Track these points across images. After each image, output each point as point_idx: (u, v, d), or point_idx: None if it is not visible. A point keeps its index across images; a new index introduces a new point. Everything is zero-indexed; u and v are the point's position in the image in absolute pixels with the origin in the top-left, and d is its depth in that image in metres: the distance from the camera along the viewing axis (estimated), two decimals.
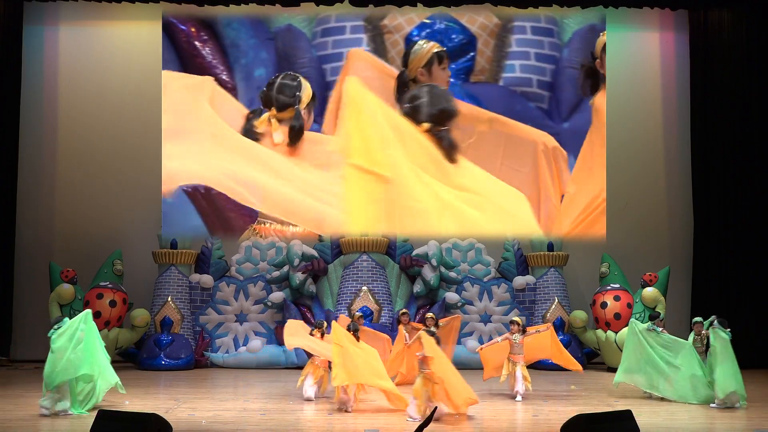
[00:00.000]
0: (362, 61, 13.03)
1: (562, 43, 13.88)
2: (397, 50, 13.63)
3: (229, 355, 13.41)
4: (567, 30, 13.90)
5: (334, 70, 13.70)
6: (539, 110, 13.63)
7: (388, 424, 8.13)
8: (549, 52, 13.78)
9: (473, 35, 13.77)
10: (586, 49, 13.59)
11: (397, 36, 13.70)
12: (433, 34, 13.72)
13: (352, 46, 13.66)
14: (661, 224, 14.84)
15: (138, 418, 6.67)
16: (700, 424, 8.23)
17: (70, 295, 12.82)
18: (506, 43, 13.78)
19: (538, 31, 13.82)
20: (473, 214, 11.67)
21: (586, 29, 13.80)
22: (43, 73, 14.60)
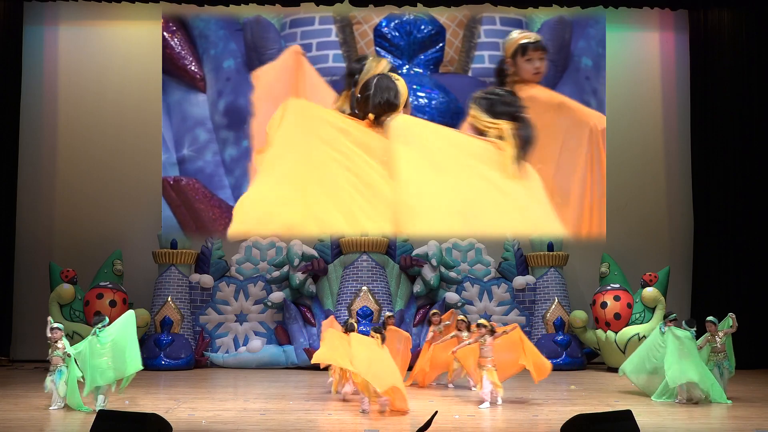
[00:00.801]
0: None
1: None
2: (366, 41, 13.62)
3: (229, 355, 13.41)
4: (536, 21, 13.89)
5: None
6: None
7: (388, 424, 8.13)
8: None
9: (442, 26, 13.76)
10: (556, 40, 13.59)
11: (366, 27, 13.70)
12: (402, 25, 13.73)
13: (321, 37, 13.66)
14: (661, 224, 14.84)
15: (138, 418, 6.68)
16: (700, 424, 8.23)
17: (70, 295, 12.82)
18: (475, 33, 13.77)
19: (507, 22, 13.81)
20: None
21: (555, 20, 13.80)
22: (43, 73, 14.60)
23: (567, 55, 13.71)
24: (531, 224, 10.99)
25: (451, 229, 11.83)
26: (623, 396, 10.13)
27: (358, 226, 11.06)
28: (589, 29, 13.88)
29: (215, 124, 13.68)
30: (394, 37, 13.66)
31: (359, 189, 10.50)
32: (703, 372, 9.49)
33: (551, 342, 13.29)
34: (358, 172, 10.52)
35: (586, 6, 13.89)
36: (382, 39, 13.68)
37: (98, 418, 6.72)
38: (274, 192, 10.47)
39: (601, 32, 13.88)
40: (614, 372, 12.74)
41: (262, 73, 12.75)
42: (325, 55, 13.68)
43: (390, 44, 13.67)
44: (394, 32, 13.68)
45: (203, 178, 13.55)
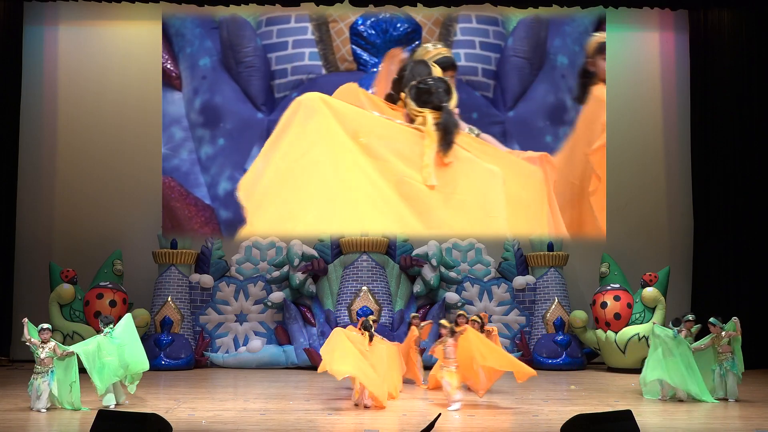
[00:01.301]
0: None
1: (507, 32, 13.91)
2: (342, 39, 13.62)
3: (229, 355, 13.41)
4: (512, 19, 13.91)
5: (279, 59, 13.71)
6: (484, 99, 13.68)
7: (388, 424, 8.14)
8: (494, 41, 13.80)
9: (418, 24, 13.79)
10: (531, 39, 13.61)
11: (342, 25, 13.72)
12: (378, 23, 13.76)
13: (297, 35, 13.67)
14: (661, 224, 14.84)
15: (138, 418, 6.68)
16: (700, 424, 8.23)
17: (70, 295, 12.81)
18: (451, 31, 13.79)
19: (482, 20, 13.84)
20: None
21: (531, 18, 13.83)
22: (43, 73, 14.59)
23: (543, 53, 13.76)
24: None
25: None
26: (623, 396, 10.13)
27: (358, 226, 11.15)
28: (565, 27, 13.91)
29: (191, 123, 13.78)
30: (370, 35, 13.68)
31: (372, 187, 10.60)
32: (678, 371, 9.64)
33: (551, 342, 13.29)
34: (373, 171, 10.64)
35: (586, 6, 13.88)
36: (358, 37, 13.71)
37: (98, 418, 6.72)
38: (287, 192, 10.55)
39: (576, 30, 13.90)
40: (614, 372, 12.77)
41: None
42: (301, 53, 13.71)
43: (366, 42, 13.69)
44: (370, 30, 13.70)
45: (179, 177, 13.67)
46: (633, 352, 12.69)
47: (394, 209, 11.11)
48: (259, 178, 11.89)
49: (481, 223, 11.50)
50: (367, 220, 11.69)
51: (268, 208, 11.48)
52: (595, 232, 13.06)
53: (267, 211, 11.66)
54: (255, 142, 13.44)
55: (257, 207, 11.83)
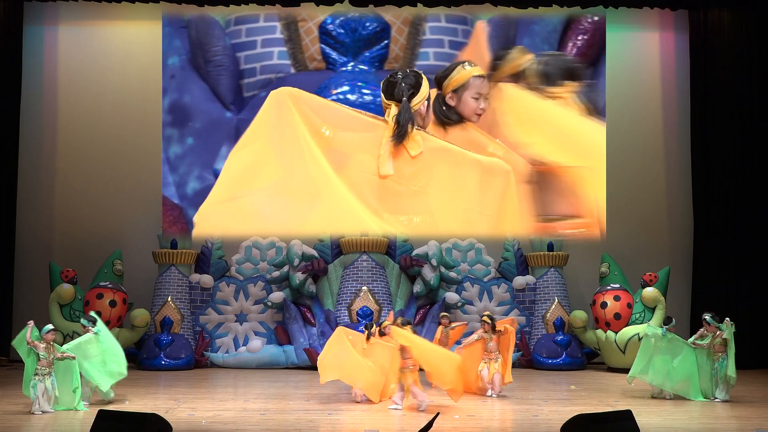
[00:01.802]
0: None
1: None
2: (311, 38, 13.62)
3: (229, 355, 13.41)
4: (481, 18, 13.83)
5: (248, 58, 13.72)
6: None
7: (388, 424, 8.14)
8: (463, 40, 13.71)
9: (387, 23, 13.76)
10: (500, 38, 13.57)
11: (311, 24, 13.69)
12: (347, 22, 13.72)
13: (266, 34, 13.67)
14: (661, 224, 14.84)
15: (138, 418, 6.68)
16: (700, 424, 8.23)
17: (70, 295, 12.81)
18: (420, 30, 13.76)
19: (451, 19, 13.79)
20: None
21: (500, 18, 13.80)
22: (43, 73, 14.59)
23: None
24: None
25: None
26: (623, 396, 10.13)
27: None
28: (533, 26, 13.86)
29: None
30: (339, 35, 13.67)
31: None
32: (662, 370, 9.88)
33: (551, 342, 13.29)
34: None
35: (586, 6, 13.88)
36: (327, 36, 13.69)
37: (98, 418, 6.72)
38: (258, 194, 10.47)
39: (545, 29, 13.87)
40: (614, 372, 12.76)
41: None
42: (270, 52, 13.70)
43: (335, 41, 13.68)
44: (339, 29, 13.69)
45: None
46: (633, 352, 12.59)
47: (349, 204, 11.06)
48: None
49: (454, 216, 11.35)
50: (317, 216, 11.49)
51: (217, 208, 11.37)
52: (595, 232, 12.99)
53: (216, 211, 11.52)
54: (224, 141, 13.44)
55: (208, 207, 11.69)
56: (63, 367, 8.90)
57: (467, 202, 10.60)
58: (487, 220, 10.72)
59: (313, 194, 10.62)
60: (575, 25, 13.92)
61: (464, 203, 10.63)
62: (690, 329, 13.36)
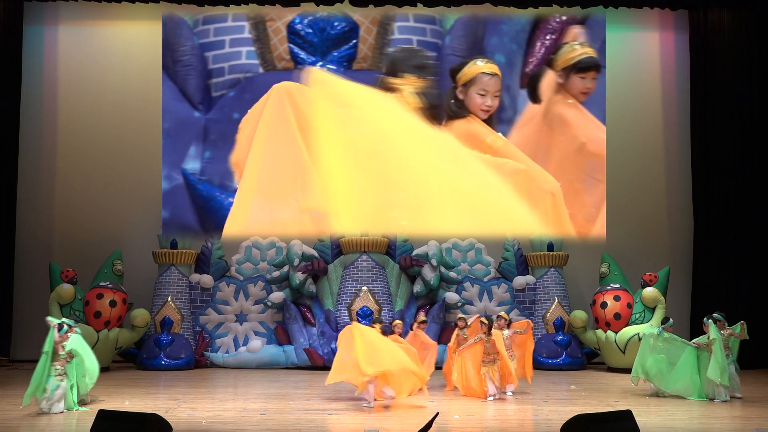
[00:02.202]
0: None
1: (444, 31, 13.83)
2: (280, 38, 13.60)
3: (229, 355, 13.41)
4: (449, 17, 13.87)
5: (216, 57, 13.71)
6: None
7: (388, 424, 8.14)
8: (431, 40, 13.75)
9: (355, 23, 13.75)
10: (468, 38, 13.58)
11: (279, 24, 13.67)
12: (316, 21, 13.72)
13: (234, 34, 13.65)
14: (661, 224, 14.84)
15: (138, 418, 6.68)
16: (700, 424, 8.23)
17: (70, 295, 12.81)
18: (389, 30, 13.74)
19: (420, 18, 13.79)
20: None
21: (468, 17, 13.79)
22: (43, 73, 14.60)
23: (480, 51, 13.66)
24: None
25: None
26: (623, 396, 10.13)
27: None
28: (501, 26, 13.84)
29: None
30: (308, 34, 13.66)
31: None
32: (657, 369, 10.02)
33: (551, 342, 13.29)
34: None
35: (586, 6, 13.89)
36: (296, 36, 13.68)
37: (98, 418, 6.72)
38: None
39: (513, 29, 13.84)
40: (614, 372, 12.76)
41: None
42: (239, 52, 13.69)
43: (303, 41, 13.66)
44: (307, 29, 13.68)
45: None
46: (633, 352, 12.61)
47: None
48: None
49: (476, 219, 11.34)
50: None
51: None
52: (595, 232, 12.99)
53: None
54: (192, 141, 13.47)
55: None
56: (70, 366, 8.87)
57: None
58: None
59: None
60: (543, 24, 13.88)
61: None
62: (690, 329, 13.39)
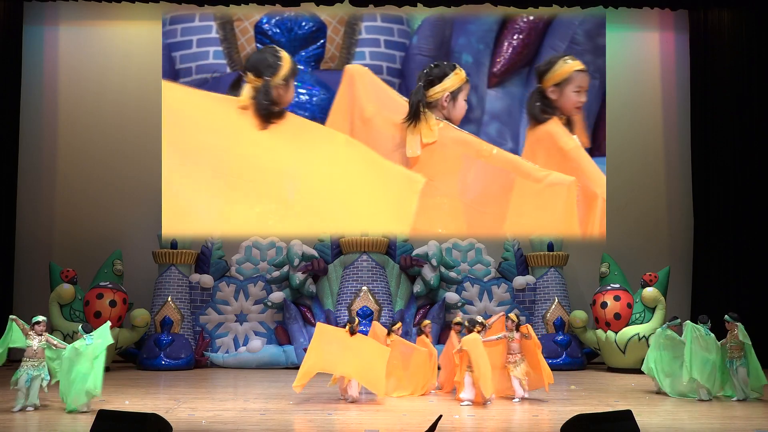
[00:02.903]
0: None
1: (412, 31, 13.87)
2: (247, 38, 13.62)
3: (229, 355, 13.41)
4: (417, 17, 13.87)
5: (184, 57, 13.74)
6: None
7: (388, 424, 8.14)
8: (399, 40, 13.79)
9: (323, 23, 13.77)
10: (436, 37, 13.59)
11: (247, 24, 13.72)
12: (284, 21, 13.73)
13: (201, 34, 13.68)
14: (661, 224, 14.85)
15: (138, 418, 6.68)
16: (700, 424, 8.23)
17: (70, 295, 12.81)
18: (356, 30, 13.78)
19: (387, 18, 13.82)
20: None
21: (436, 17, 13.80)
22: (43, 73, 14.61)
23: (447, 51, 13.74)
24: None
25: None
26: (623, 396, 10.13)
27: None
28: (469, 26, 13.86)
29: None
30: (275, 34, 13.66)
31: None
32: (660, 366, 10.10)
33: (551, 342, 13.29)
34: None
35: (586, 6, 13.89)
36: (263, 36, 13.70)
37: (98, 418, 6.72)
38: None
39: (481, 29, 13.85)
40: (614, 372, 12.77)
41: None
42: (206, 51, 13.73)
43: (271, 41, 13.66)
44: (275, 29, 13.69)
45: None
46: (633, 352, 12.70)
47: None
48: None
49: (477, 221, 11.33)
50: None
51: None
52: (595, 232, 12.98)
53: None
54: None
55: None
56: (69, 362, 8.81)
57: (470, 197, 10.67)
58: (489, 218, 10.80)
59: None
60: (511, 24, 13.90)
61: (466, 198, 10.69)
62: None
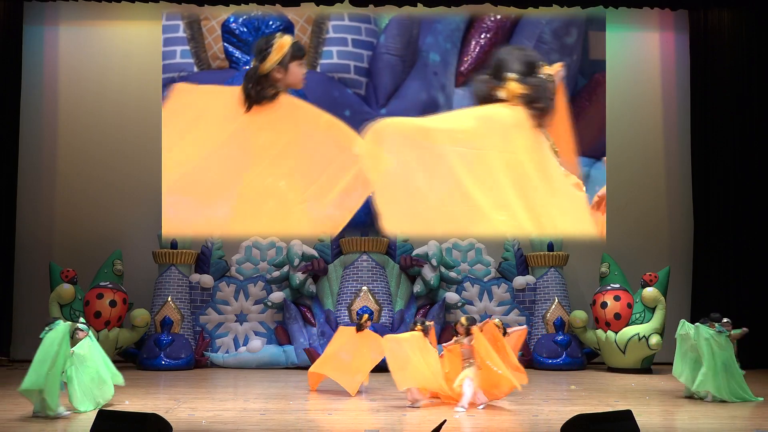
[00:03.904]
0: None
1: (379, 30, 13.85)
2: (214, 37, 13.62)
3: (229, 355, 13.41)
4: (383, 17, 13.86)
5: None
6: (357, 96, 13.60)
7: (388, 424, 8.14)
8: (366, 39, 13.75)
9: (290, 22, 13.75)
10: (403, 36, 13.59)
11: (214, 23, 13.71)
12: (251, 20, 13.73)
13: (168, 33, 13.72)
14: (661, 224, 14.84)
15: (138, 418, 6.68)
16: (700, 424, 8.23)
17: (70, 295, 12.81)
18: (323, 29, 13.74)
19: (355, 17, 13.78)
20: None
21: (403, 16, 13.79)
22: (43, 73, 14.59)
23: (415, 50, 13.75)
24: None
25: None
26: (623, 396, 10.13)
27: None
28: (436, 25, 13.85)
29: None
30: (242, 33, 13.67)
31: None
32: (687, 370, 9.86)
33: (551, 342, 13.29)
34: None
35: (586, 6, 13.88)
36: (230, 35, 13.70)
37: (98, 418, 6.72)
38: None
39: (448, 28, 13.87)
40: (614, 372, 12.77)
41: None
42: (173, 51, 13.73)
43: (238, 40, 13.68)
44: (242, 28, 13.70)
45: None
46: (633, 352, 12.70)
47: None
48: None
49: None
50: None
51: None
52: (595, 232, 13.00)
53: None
54: None
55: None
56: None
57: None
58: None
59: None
60: (478, 23, 13.92)
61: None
62: None
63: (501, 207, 11.05)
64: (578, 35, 13.89)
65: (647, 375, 12.53)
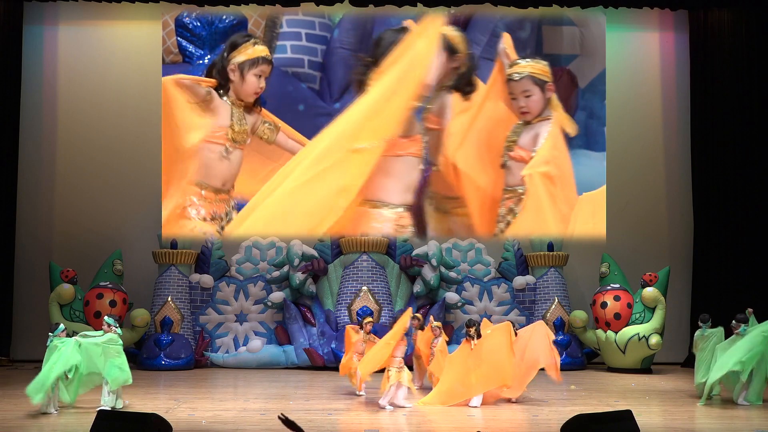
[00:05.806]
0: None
1: (333, 24, 13.80)
2: (168, 31, 13.56)
3: (229, 355, 13.41)
4: (336, 14, 13.80)
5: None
6: (311, 91, 13.52)
7: (389, 424, 8.14)
8: (320, 33, 13.71)
9: (244, 16, 13.69)
10: (357, 30, 13.54)
11: (167, 17, 13.66)
12: (205, 14, 13.68)
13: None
14: (661, 224, 14.84)
15: (138, 418, 6.68)
16: (700, 424, 8.23)
17: (70, 295, 12.81)
18: (277, 24, 13.67)
19: (308, 12, 13.72)
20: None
21: (354, 13, 13.71)
22: (43, 73, 14.59)
23: (369, 45, 13.49)
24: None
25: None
26: (623, 396, 10.13)
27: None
28: (390, 19, 13.61)
29: None
30: (196, 27, 13.64)
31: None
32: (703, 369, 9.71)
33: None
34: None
35: (586, 6, 13.88)
36: (184, 29, 13.66)
37: (98, 418, 6.72)
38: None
39: (401, 22, 13.77)
40: (614, 372, 12.77)
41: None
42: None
43: (192, 34, 13.63)
44: (195, 22, 13.67)
45: None
46: (633, 352, 12.70)
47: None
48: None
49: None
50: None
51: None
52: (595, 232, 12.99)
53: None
54: None
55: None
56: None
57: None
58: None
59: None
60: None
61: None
62: (690, 329, 13.38)
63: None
64: (531, 29, 13.73)
65: (647, 375, 12.53)
